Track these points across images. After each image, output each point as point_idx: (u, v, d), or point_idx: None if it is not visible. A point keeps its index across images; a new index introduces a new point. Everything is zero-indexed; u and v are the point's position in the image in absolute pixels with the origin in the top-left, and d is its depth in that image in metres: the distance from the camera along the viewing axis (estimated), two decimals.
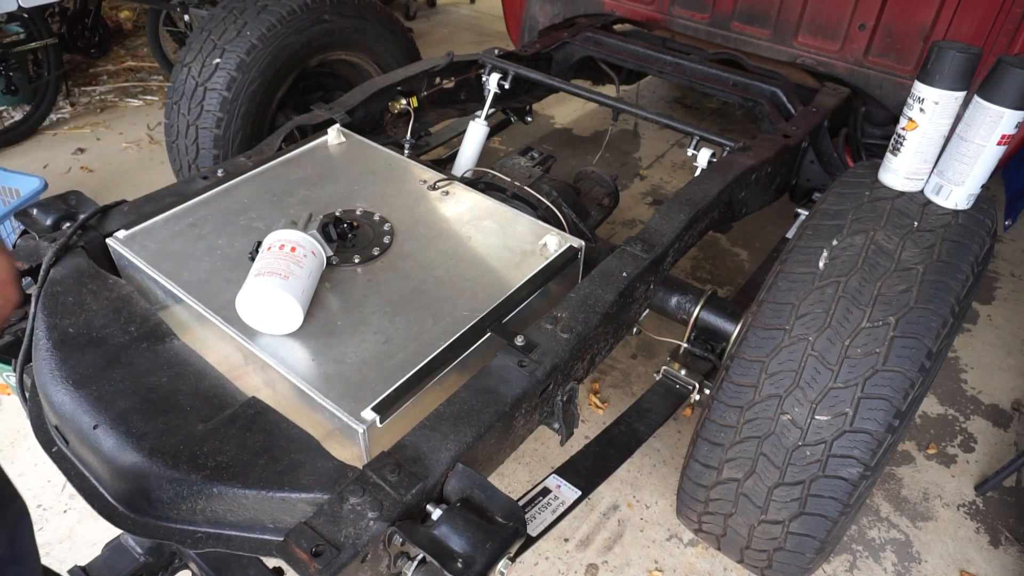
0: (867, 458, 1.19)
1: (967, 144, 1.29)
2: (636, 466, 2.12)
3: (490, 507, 1.03)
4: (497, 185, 1.84)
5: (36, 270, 1.40)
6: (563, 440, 1.38)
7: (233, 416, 1.16)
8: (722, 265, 2.97)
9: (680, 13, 2.76)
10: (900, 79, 2.36)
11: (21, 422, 2.13)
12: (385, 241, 1.55)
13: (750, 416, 1.29)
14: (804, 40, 2.51)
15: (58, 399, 1.18)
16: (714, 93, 2.48)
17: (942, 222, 1.32)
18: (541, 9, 2.98)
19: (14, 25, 3.62)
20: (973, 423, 2.32)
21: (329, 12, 2.32)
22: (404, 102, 2.27)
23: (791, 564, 1.38)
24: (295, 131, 1.98)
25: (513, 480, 2.06)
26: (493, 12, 5.79)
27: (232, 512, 1.08)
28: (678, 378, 1.62)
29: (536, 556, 1.87)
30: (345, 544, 0.94)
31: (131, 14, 4.97)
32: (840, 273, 1.28)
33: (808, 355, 1.24)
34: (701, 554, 1.90)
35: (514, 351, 1.27)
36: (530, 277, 1.48)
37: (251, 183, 1.73)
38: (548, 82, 2.38)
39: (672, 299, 1.65)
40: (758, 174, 1.95)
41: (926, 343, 1.19)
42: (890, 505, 2.05)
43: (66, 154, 3.56)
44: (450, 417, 1.13)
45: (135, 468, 1.09)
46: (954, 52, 1.26)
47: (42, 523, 1.88)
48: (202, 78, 2.15)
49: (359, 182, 1.76)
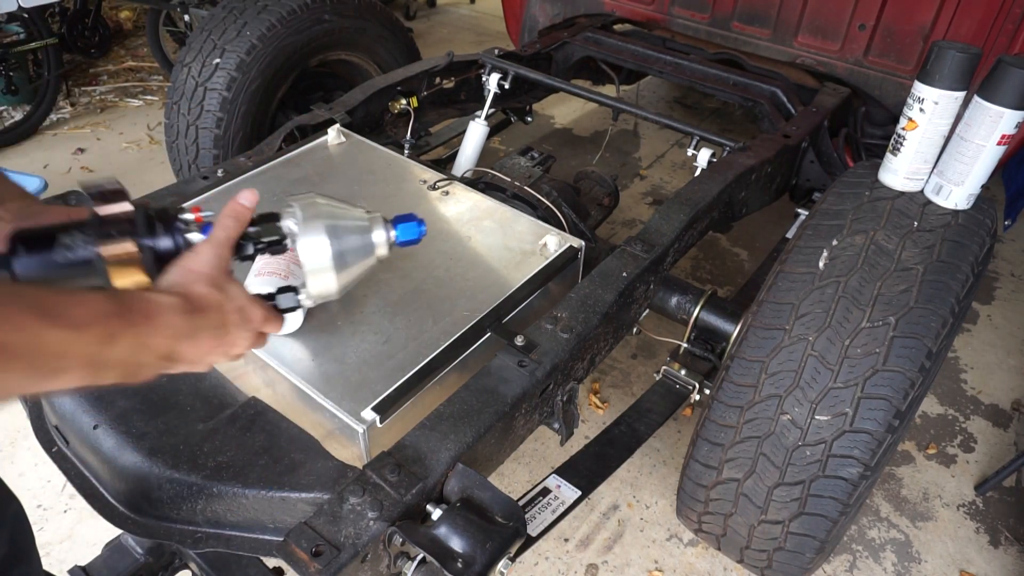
0: (867, 458, 1.19)
1: (967, 144, 1.29)
2: (636, 466, 2.12)
3: (490, 507, 1.03)
4: (497, 185, 1.84)
5: None
6: (563, 440, 1.38)
7: (233, 416, 1.16)
8: (722, 265, 2.97)
9: (680, 13, 2.76)
10: (900, 79, 2.36)
11: (21, 422, 2.13)
12: None
13: (750, 416, 1.29)
14: (804, 40, 2.51)
15: (58, 399, 1.19)
16: (714, 93, 2.48)
17: (942, 222, 1.32)
18: (541, 9, 2.98)
19: (14, 25, 3.62)
20: (973, 423, 2.32)
21: (329, 12, 2.32)
22: (404, 102, 2.27)
23: (791, 564, 1.38)
24: (295, 131, 1.98)
25: (513, 480, 2.06)
26: (493, 12, 5.78)
27: (232, 512, 1.08)
28: (678, 378, 1.62)
29: (536, 556, 1.87)
30: (345, 544, 0.94)
31: (131, 14, 4.97)
32: (840, 273, 1.28)
33: (808, 355, 1.24)
34: (701, 554, 1.90)
35: (514, 351, 1.27)
36: (530, 277, 1.48)
37: (251, 183, 1.73)
38: (548, 82, 2.38)
39: (672, 299, 1.65)
40: (758, 174, 1.95)
41: (926, 343, 1.19)
42: (890, 505, 2.05)
43: (66, 154, 3.56)
44: (450, 417, 1.13)
45: (135, 468, 1.09)
46: (954, 52, 1.26)
47: (42, 523, 1.88)
48: (202, 78, 2.15)
49: (359, 182, 1.76)
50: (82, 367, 0.61)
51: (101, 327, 0.62)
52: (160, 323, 0.69)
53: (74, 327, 0.59)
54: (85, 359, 0.61)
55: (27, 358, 0.56)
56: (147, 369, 0.69)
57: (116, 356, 0.64)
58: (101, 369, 0.63)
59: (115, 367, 0.64)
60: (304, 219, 0.89)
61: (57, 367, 0.59)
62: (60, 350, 0.58)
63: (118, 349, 0.64)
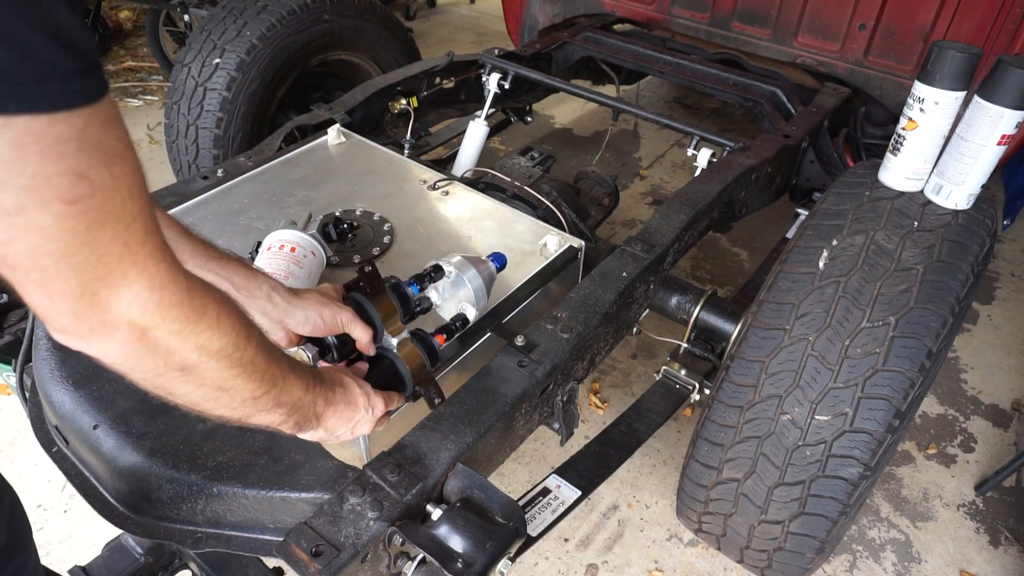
0: (867, 458, 1.19)
1: (967, 144, 1.29)
2: (636, 466, 2.12)
3: (490, 507, 1.03)
4: (497, 185, 1.84)
5: None
6: (563, 440, 1.38)
7: None
8: (722, 265, 2.97)
9: (680, 13, 2.76)
10: (900, 79, 2.36)
11: (21, 422, 2.13)
12: (385, 241, 1.55)
13: (750, 416, 1.29)
14: (804, 40, 2.51)
15: (58, 399, 1.18)
16: (714, 93, 2.48)
17: (942, 222, 1.32)
18: (541, 9, 2.98)
19: None
20: (973, 423, 2.32)
21: (329, 12, 2.32)
22: (404, 102, 2.27)
23: (791, 564, 1.38)
24: (295, 131, 1.98)
25: (513, 480, 2.06)
26: (493, 12, 5.78)
27: (232, 512, 1.08)
28: (678, 378, 1.62)
29: (536, 556, 1.87)
30: (345, 544, 0.94)
31: (131, 14, 4.97)
32: (840, 273, 1.28)
33: (808, 355, 1.24)
34: (701, 554, 1.90)
35: (514, 351, 1.27)
36: (530, 277, 1.48)
37: (251, 183, 1.73)
38: (548, 82, 2.38)
39: (672, 299, 1.65)
40: (758, 174, 1.95)
41: (926, 343, 1.19)
42: (890, 505, 2.05)
43: None
44: (450, 417, 1.13)
45: (135, 468, 1.09)
46: (954, 52, 1.26)
47: (42, 523, 1.88)
48: (202, 78, 2.15)
49: (359, 182, 1.76)
50: (289, 408, 0.83)
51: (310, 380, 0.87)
52: (332, 392, 0.92)
53: (299, 377, 0.84)
54: (292, 402, 0.83)
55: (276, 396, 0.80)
56: (308, 424, 0.89)
57: (305, 403, 0.86)
58: (294, 412, 0.85)
59: (299, 412, 0.86)
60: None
61: (280, 401, 0.81)
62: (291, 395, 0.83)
63: (308, 397, 0.86)
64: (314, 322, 1.01)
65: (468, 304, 1.22)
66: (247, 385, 0.74)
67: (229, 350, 0.70)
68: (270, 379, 0.77)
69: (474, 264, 1.24)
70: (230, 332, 0.69)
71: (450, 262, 1.23)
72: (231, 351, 0.70)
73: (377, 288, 1.06)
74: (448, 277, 1.22)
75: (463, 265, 1.22)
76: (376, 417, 0.99)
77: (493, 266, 1.28)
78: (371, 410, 0.97)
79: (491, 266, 1.28)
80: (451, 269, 1.22)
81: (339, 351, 1.05)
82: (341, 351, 1.05)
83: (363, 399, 0.96)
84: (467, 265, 1.23)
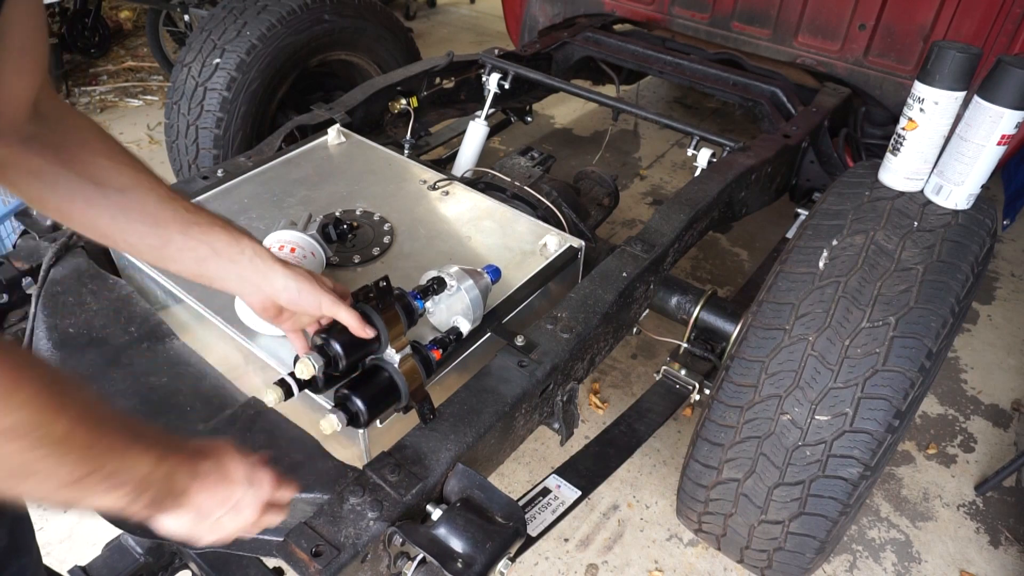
0: (867, 458, 1.19)
1: (967, 144, 1.29)
2: (636, 466, 2.12)
3: (490, 507, 1.03)
4: (497, 185, 1.84)
5: (36, 270, 1.40)
6: (563, 440, 1.38)
7: (233, 416, 1.16)
8: (722, 265, 2.97)
9: (680, 13, 2.76)
10: (900, 79, 2.36)
11: None
12: (385, 241, 1.55)
13: (750, 416, 1.29)
14: (804, 40, 2.51)
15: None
16: (714, 93, 2.48)
17: (942, 222, 1.32)
18: (541, 9, 2.98)
19: None
20: (973, 423, 2.32)
21: (329, 12, 2.32)
22: (404, 102, 2.27)
23: (791, 564, 1.38)
24: (295, 131, 1.98)
25: (513, 480, 2.06)
26: (493, 12, 5.78)
27: None
28: (678, 378, 1.62)
29: (536, 556, 1.87)
30: (345, 544, 0.94)
31: (131, 14, 4.97)
32: (840, 273, 1.28)
33: (808, 355, 1.24)
34: (701, 554, 1.90)
35: (514, 351, 1.27)
36: (530, 277, 1.48)
37: (251, 183, 1.73)
38: (548, 82, 2.38)
39: (672, 299, 1.65)
40: (758, 174, 1.95)
41: (926, 343, 1.19)
42: (890, 505, 2.05)
43: None
44: (450, 417, 1.14)
45: None
46: (954, 52, 1.26)
47: (42, 523, 1.88)
48: (202, 78, 2.15)
49: (359, 182, 1.76)
50: (133, 486, 0.68)
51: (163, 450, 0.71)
52: (197, 464, 0.76)
53: (147, 448, 0.69)
54: (138, 479, 0.68)
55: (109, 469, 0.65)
56: (167, 504, 0.73)
57: (156, 478, 0.70)
58: (143, 491, 0.69)
59: (152, 489, 0.70)
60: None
61: (119, 480, 0.66)
62: (135, 472, 0.67)
63: (160, 471, 0.70)
64: (291, 292, 0.98)
65: (462, 318, 1.23)
66: (60, 467, 0.61)
67: (26, 428, 0.57)
68: (97, 457, 0.63)
69: (471, 276, 1.25)
70: (26, 406, 0.57)
71: (448, 272, 1.23)
72: (29, 429, 0.57)
73: (388, 304, 1.06)
74: (449, 290, 1.23)
75: (461, 276, 1.24)
76: (262, 499, 0.82)
77: (488, 278, 1.29)
78: (255, 487, 0.81)
79: (486, 278, 1.29)
80: (453, 283, 1.23)
81: (346, 358, 1.02)
82: (348, 358, 1.02)
83: (243, 473, 0.80)
84: (464, 276, 1.24)
